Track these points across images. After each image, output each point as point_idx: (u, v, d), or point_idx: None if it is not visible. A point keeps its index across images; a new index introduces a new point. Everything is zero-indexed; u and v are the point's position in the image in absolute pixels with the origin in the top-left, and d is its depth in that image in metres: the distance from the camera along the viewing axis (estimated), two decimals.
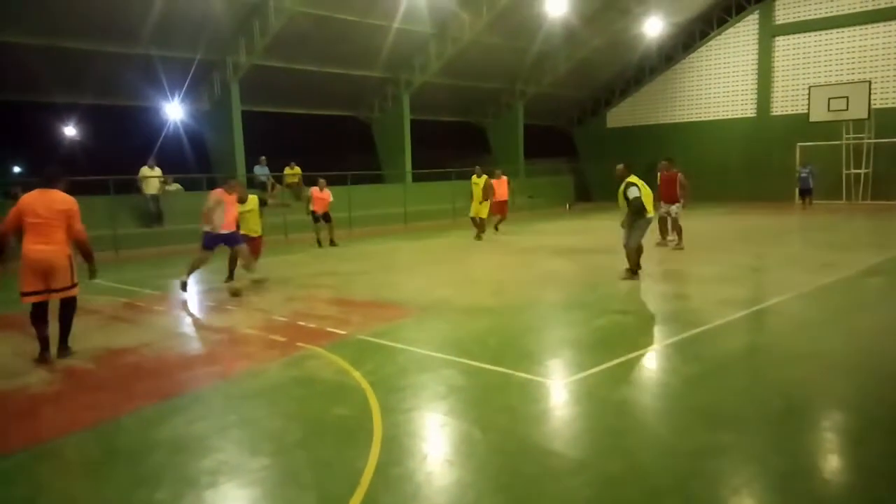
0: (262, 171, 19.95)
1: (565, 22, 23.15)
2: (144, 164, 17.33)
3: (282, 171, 20.44)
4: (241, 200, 10.29)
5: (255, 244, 10.72)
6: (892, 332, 6.83)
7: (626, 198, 9.72)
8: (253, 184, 20.14)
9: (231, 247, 10.02)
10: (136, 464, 4.10)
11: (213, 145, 21.56)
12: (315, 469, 3.98)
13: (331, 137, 29.64)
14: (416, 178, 24.59)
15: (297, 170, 20.67)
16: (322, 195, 15.93)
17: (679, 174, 13.59)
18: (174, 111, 21.03)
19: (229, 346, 6.97)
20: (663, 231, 13.76)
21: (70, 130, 29.19)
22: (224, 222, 9.64)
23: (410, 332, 7.34)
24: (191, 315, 8.91)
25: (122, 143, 24.43)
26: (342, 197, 20.94)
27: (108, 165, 17.93)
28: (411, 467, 3.95)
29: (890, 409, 4.67)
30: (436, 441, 4.44)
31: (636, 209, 9.70)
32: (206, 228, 9.66)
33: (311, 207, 15.84)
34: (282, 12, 17.88)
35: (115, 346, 6.91)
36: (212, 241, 9.70)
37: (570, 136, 32.82)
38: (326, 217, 16.02)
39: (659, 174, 13.88)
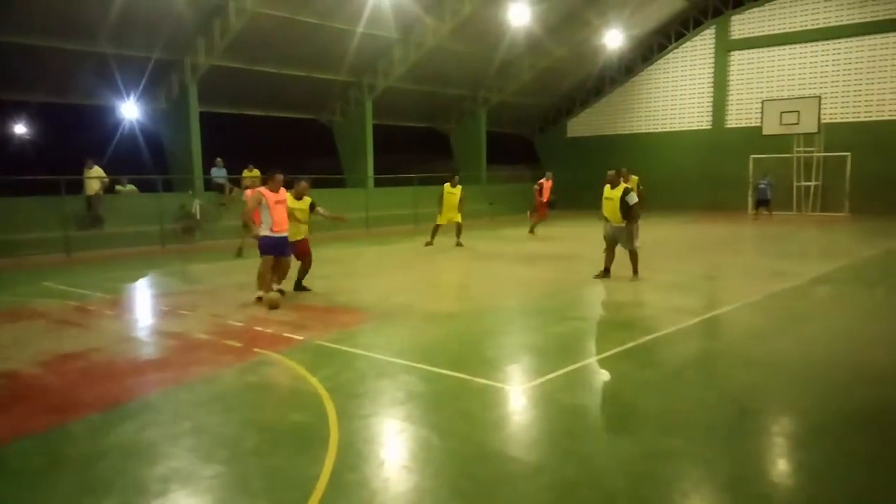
0: (219, 173, 19.62)
1: (528, 31, 23.40)
2: (95, 164, 16.74)
3: (240, 173, 20.15)
4: (298, 197, 9.38)
5: (302, 247, 9.70)
6: (839, 339, 7.06)
7: (626, 203, 10.17)
8: (209, 186, 19.84)
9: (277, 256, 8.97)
10: (83, 471, 3.98)
11: (169, 146, 21.13)
12: (269, 476, 3.92)
13: (291, 140, 29.34)
14: (378, 183, 24.51)
15: (256, 172, 20.32)
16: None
17: (628, 184, 13.75)
18: (130, 111, 20.56)
19: (183, 351, 6.82)
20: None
21: (20, 129, 28.30)
22: (273, 222, 8.74)
23: (369, 337, 7.30)
24: (143, 320, 8.70)
25: (76, 142, 23.77)
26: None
27: (62, 165, 17.40)
28: (367, 474, 3.92)
29: (835, 414, 4.82)
30: (393, 447, 4.42)
31: (636, 215, 10.28)
32: (263, 233, 8.79)
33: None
34: (243, 13, 17.66)
35: (64, 351, 6.70)
36: (268, 247, 8.81)
37: (531, 144, 33.16)
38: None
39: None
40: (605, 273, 10.67)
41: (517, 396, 5.30)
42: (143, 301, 10.23)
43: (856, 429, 4.54)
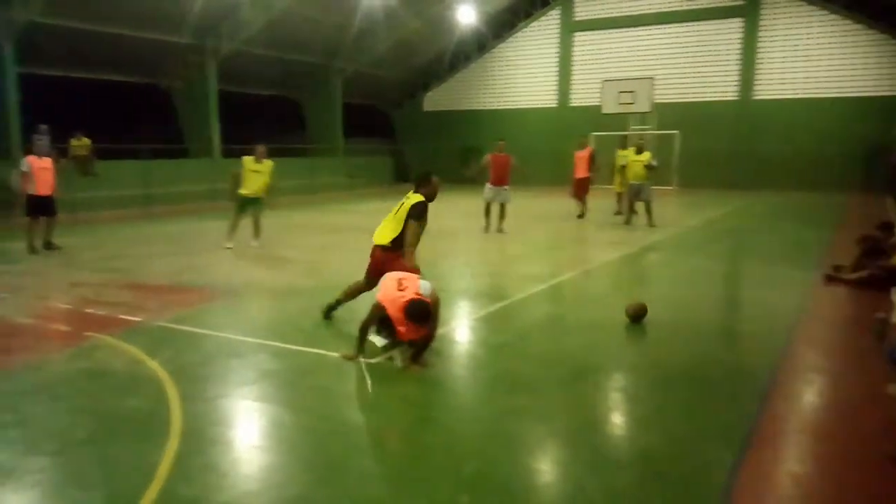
0: (41, 140, 17.63)
1: (383, 1, 23.12)
2: None
3: (66, 142, 18.34)
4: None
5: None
6: (664, 301, 7.72)
7: (651, 165, 14.13)
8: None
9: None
10: None
11: None
12: (103, 466, 3.64)
13: (126, 106, 27.04)
14: (226, 154, 23.27)
15: (86, 141, 18.66)
16: (43, 164, 10.91)
17: (512, 157, 13.80)
18: None
19: (1, 337, 6.14)
20: (488, 213, 13.87)
21: None
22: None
23: (216, 316, 6.99)
24: None
25: None
26: (137, 172, 19.33)
27: None
28: (214, 457, 3.76)
29: (661, 370, 5.28)
30: (243, 428, 4.28)
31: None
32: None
33: (28, 189, 10.77)
34: None
35: None
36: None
37: (389, 118, 33.01)
38: (48, 206, 10.96)
39: (490, 156, 13.66)
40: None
41: (372, 369, 5.30)
42: None
43: (680, 381, 5.00)
